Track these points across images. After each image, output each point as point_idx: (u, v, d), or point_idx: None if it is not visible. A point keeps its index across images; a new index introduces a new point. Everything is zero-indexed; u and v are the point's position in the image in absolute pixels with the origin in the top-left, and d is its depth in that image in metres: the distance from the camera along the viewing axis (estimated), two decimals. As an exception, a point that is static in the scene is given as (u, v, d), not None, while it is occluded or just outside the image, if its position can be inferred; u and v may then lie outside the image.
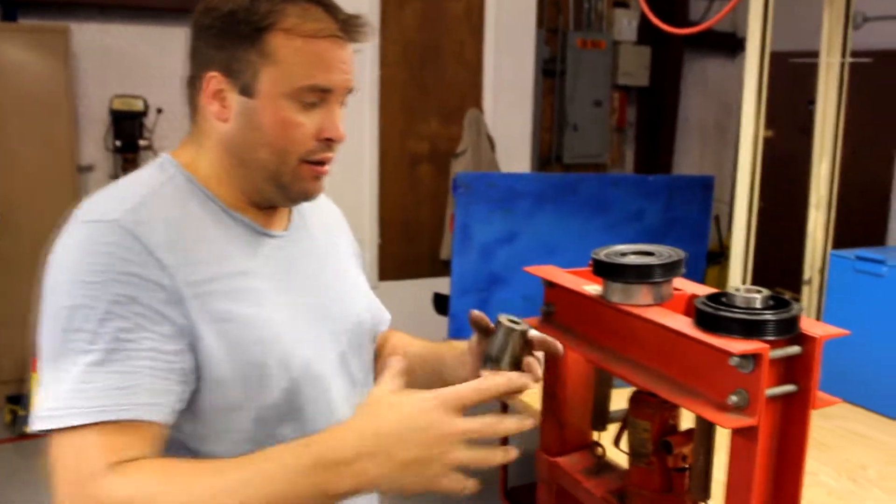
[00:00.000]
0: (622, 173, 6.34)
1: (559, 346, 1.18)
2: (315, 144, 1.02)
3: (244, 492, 0.84)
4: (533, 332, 1.17)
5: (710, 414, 1.03)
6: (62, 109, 4.16)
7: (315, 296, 1.12)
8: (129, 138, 4.38)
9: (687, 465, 1.26)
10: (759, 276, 2.39)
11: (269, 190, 1.05)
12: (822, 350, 1.04)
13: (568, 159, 5.88)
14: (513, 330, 1.15)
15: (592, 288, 1.28)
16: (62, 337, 0.90)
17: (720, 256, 5.55)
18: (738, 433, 1.04)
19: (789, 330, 1.03)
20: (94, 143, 4.55)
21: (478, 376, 0.99)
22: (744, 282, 2.15)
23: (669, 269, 1.17)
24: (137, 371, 0.90)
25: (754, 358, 0.99)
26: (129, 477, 0.86)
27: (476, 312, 1.20)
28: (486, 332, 1.22)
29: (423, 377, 1.32)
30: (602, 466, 1.43)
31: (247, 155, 1.03)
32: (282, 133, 1.00)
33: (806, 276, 2.35)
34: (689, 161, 6.30)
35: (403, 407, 0.88)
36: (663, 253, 1.20)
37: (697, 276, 3.10)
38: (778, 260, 3.27)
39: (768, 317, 1.01)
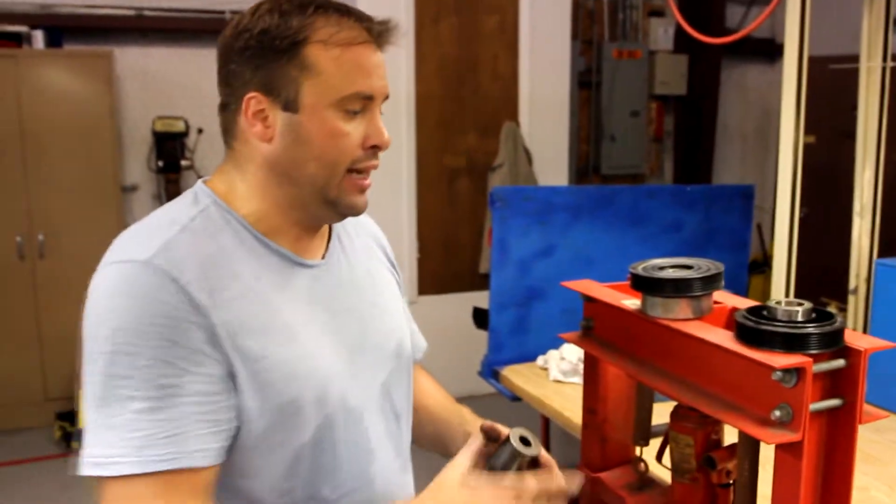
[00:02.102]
0: (661, 183, 6.29)
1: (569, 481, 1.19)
2: (361, 153, 1.02)
3: None
4: (544, 455, 1.15)
5: (753, 429, 1.01)
6: (106, 131, 4.26)
7: (353, 326, 1.10)
8: (171, 158, 4.47)
9: (731, 481, 1.24)
10: (804, 285, 2.35)
11: (317, 207, 1.04)
12: (869, 362, 1.02)
13: (606, 170, 5.84)
14: (519, 454, 1.11)
15: (631, 302, 1.27)
16: (106, 383, 0.90)
17: (764, 266, 5.46)
18: (782, 449, 1.02)
19: (833, 343, 1.01)
20: (138, 164, 4.65)
21: None
22: (787, 292, 2.11)
23: (709, 283, 1.16)
24: (185, 417, 0.90)
25: (797, 372, 0.98)
26: None
27: (486, 424, 1.16)
28: (495, 441, 1.16)
29: (429, 436, 1.32)
30: (645, 482, 1.42)
31: (295, 171, 1.01)
32: (331, 143, 0.99)
33: (852, 285, 2.31)
34: (729, 169, 6.23)
35: (481, 495, 0.95)
36: (702, 266, 1.19)
37: (740, 287, 3.06)
38: (822, 269, 3.21)
39: (811, 330, 1.00)
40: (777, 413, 0.99)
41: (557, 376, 2.32)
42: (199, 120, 4.50)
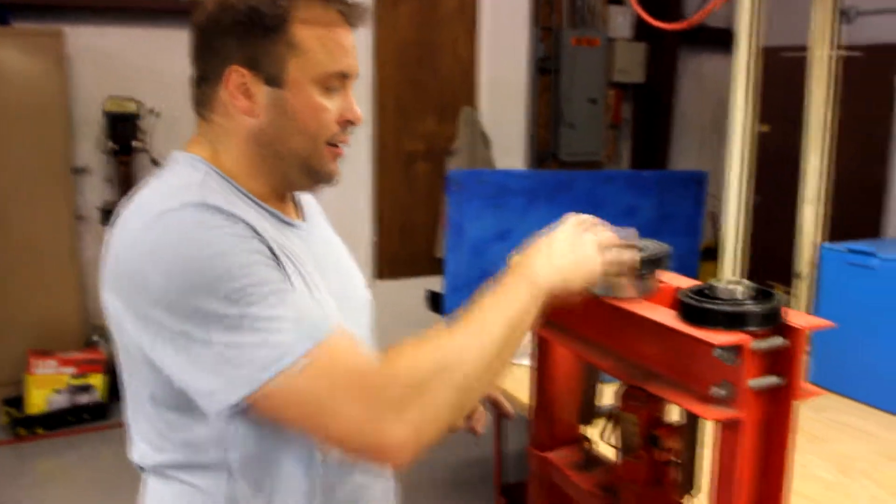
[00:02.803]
0: (617, 169, 6.34)
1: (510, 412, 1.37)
2: (337, 128, 1.07)
3: (489, 320, 0.98)
4: (493, 393, 1.33)
5: (695, 406, 1.03)
6: (56, 112, 4.16)
7: (337, 281, 1.16)
8: (123, 140, 4.37)
9: (675, 458, 1.26)
10: (757, 271, 2.39)
11: (299, 176, 1.09)
12: (808, 341, 1.04)
13: (564, 156, 5.87)
14: None
15: (581, 283, 1.28)
16: (230, 301, 0.89)
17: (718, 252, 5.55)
18: (723, 425, 1.04)
19: (773, 321, 1.03)
20: (90, 146, 4.55)
21: None
22: (735, 275, 2.14)
23: (654, 263, 1.17)
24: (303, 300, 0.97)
25: (737, 349, 1.00)
26: (395, 356, 0.93)
27: None
28: None
29: None
30: (591, 461, 1.44)
31: (280, 144, 1.06)
32: (313, 118, 1.04)
33: (797, 269, 2.35)
34: (686, 157, 6.30)
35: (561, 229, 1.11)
36: (648, 247, 1.20)
37: (691, 272, 3.10)
38: (775, 255, 3.26)
39: (751, 308, 1.02)
40: (718, 390, 1.01)
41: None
42: (154, 102, 4.42)
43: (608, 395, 1.33)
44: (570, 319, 1.30)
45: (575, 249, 1.08)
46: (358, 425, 0.89)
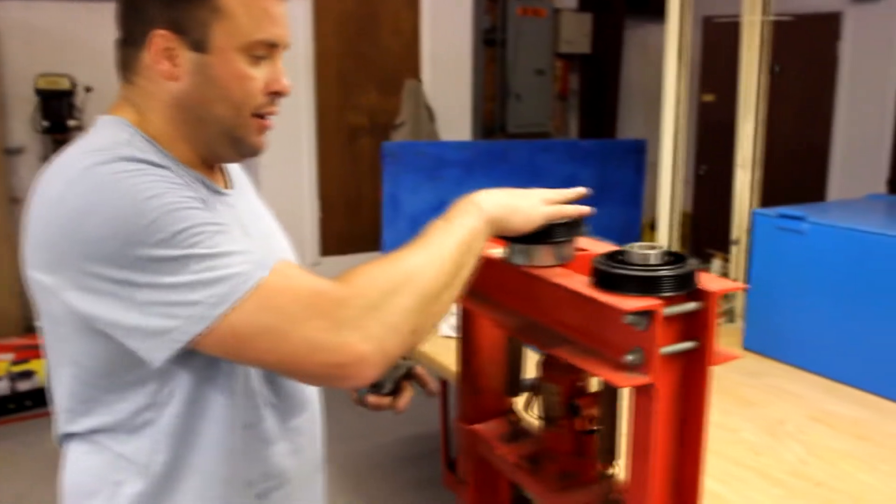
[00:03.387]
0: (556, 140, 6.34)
1: (431, 388, 1.34)
2: (264, 98, 1.03)
3: (441, 241, 0.99)
4: (418, 369, 1.32)
5: (607, 373, 1.01)
6: (-16, 90, 4.01)
7: (268, 249, 1.13)
8: (57, 118, 4.24)
9: (595, 427, 1.25)
10: (701, 239, 2.39)
11: (223, 145, 1.05)
12: (728, 304, 1.03)
13: (512, 129, 5.85)
14: (398, 366, 1.28)
15: (497, 251, 1.25)
16: (166, 246, 0.88)
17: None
18: (638, 392, 1.02)
19: (686, 285, 1.01)
20: (23, 125, 4.40)
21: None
22: (670, 246, 2.14)
23: (570, 229, 1.15)
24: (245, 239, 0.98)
25: (648, 315, 0.98)
26: (351, 275, 0.93)
27: None
28: None
29: None
30: (518, 432, 1.42)
31: (203, 111, 1.02)
32: (237, 86, 1.01)
33: (733, 236, 2.36)
34: (633, 128, 6.32)
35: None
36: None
37: (633, 240, 3.09)
38: (720, 223, 3.28)
39: (664, 272, 1.00)
40: (630, 357, 0.99)
41: (447, 331, 2.30)
42: (89, 78, 4.28)
43: (533, 365, 1.31)
44: (492, 289, 1.27)
45: (519, 195, 1.11)
46: (319, 342, 0.88)
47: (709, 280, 1.04)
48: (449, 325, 2.31)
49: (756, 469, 1.51)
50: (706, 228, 5.09)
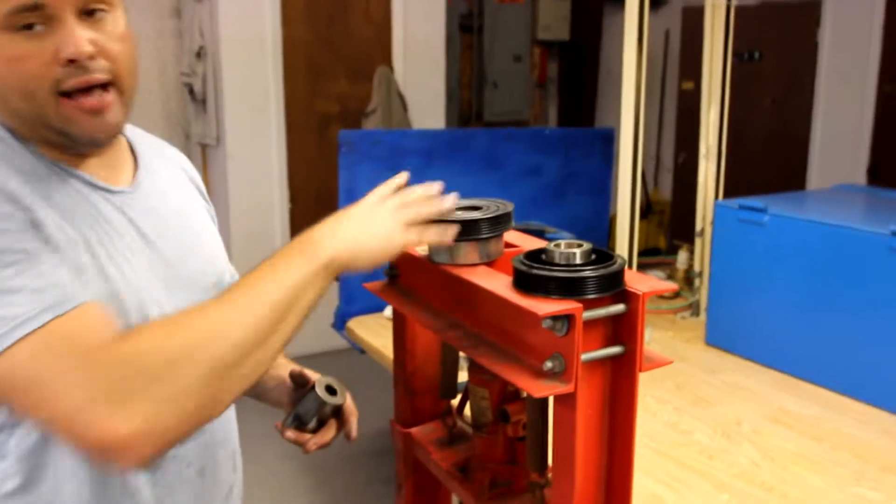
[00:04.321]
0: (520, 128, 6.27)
1: (351, 433, 1.32)
2: (61, 71, 0.87)
3: (260, 292, 0.85)
4: (348, 404, 1.30)
5: (524, 382, 0.94)
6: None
7: (170, 255, 1.02)
8: None
9: (527, 434, 1.18)
10: (680, 228, 2.33)
11: (58, 139, 0.92)
12: (646, 305, 0.96)
13: (489, 117, 5.77)
14: (325, 404, 1.25)
15: (422, 248, 1.18)
16: None
17: (647, 211, 5.53)
18: (558, 401, 0.96)
19: (611, 287, 0.94)
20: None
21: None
22: (631, 237, 2.07)
23: (496, 224, 1.07)
24: (55, 269, 0.82)
25: (567, 319, 0.91)
26: (138, 334, 0.81)
27: (295, 370, 1.29)
28: (302, 386, 1.27)
29: None
30: (454, 437, 1.35)
31: (5, 107, 0.90)
32: (11, 72, 0.86)
33: (698, 227, 2.30)
34: (613, 115, 6.22)
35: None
36: (490, 206, 1.11)
37: (601, 233, 3.03)
38: (688, 210, 3.22)
39: (587, 273, 0.92)
40: (549, 364, 0.92)
41: (403, 327, 2.24)
42: None
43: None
44: (420, 287, 1.20)
45: (368, 221, 0.97)
46: (73, 412, 0.75)
47: (637, 280, 0.97)
48: (403, 321, 2.25)
49: (705, 473, 1.45)
50: (685, 217, 5.04)
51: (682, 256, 2.51)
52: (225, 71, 4.09)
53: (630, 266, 2.29)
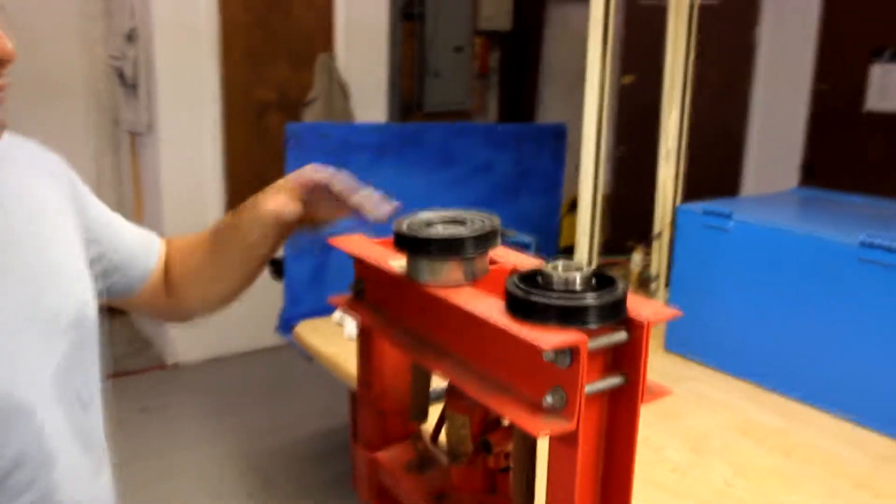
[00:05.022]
0: (486, 122, 6.20)
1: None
2: None
3: None
4: None
5: (522, 418, 0.86)
6: None
7: (12, 292, 0.83)
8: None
9: (511, 464, 1.10)
10: (618, 226, 2.28)
11: None
12: (651, 333, 0.89)
13: (429, 107, 5.67)
14: None
15: (399, 264, 1.09)
16: None
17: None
18: (557, 439, 0.88)
19: (615, 315, 0.86)
20: None
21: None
22: (591, 233, 2.02)
23: (482, 241, 0.98)
24: None
25: (571, 351, 0.83)
26: None
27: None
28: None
29: (236, 252, 1.15)
30: (425, 461, 1.26)
31: None
32: None
33: (656, 230, 2.26)
34: (553, 108, 6.22)
35: None
36: (475, 221, 1.02)
37: (552, 232, 2.98)
38: (637, 210, 3.20)
39: (589, 301, 0.84)
40: (549, 399, 0.84)
41: (353, 333, 2.14)
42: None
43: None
44: (392, 305, 1.11)
45: None
46: None
47: (639, 305, 0.90)
48: (356, 327, 2.15)
49: (680, 493, 1.40)
50: (625, 210, 5.05)
51: (636, 258, 2.48)
52: (158, 55, 3.90)
53: (590, 264, 2.23)
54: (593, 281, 0.90)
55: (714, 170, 5.15)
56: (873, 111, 4.33)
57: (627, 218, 3.10)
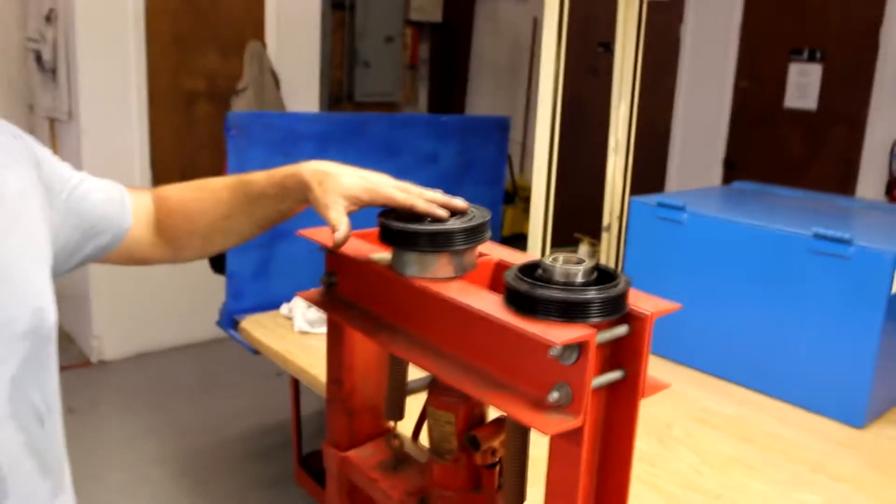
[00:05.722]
0: (415, 112, 6.17)
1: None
2: None
3: None
4: None
5: (527, 416, 0.83)
6: None
7: None
8: None
9: (497, 460, 1.08)
10: (555, 219, 2.28)
11: None
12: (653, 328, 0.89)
13: (359, 97, 5.61)
14: None
15: (381, 256, 1.05)
16: None
17: (514, 197, 5.55)
18: (560, 435, 0.87)
19: (618, 309, 0.85)
20: None
21: None
22: (545, 225, 2.01)
23: (474, 234, 0.96)
24: None
25: (577, 347, 0.81)
26: None
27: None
28: None
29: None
30: (400, 460, 1.23)
31: None
32: None
33: (605, 222, 2.27)
34: (482, 101, 6.23)
35: None
36: (465, 213, 0.99)
37: (496, 222, 2.98)
38: (571, 202, 3.22)
39: (593, 295, 0.83)
40: (555, 395, 0.82)
41: (303, 327, 2.08)
42: None
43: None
44: (370, 299, 1.07)
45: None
46: None
47: (639, 299, 0.89)
48: (306, 320, 2.09)
49: (652, 484, 1.41)
50: (557, 206, 5.09)
51: (582, 250, 2.49)
52: (79, 38, 3.71)
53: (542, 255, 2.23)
54: (594, 275, 0.88)
55: (641, 164, 5.24)
56: (792, 108, 4.47)
57: (560, 212, 3.10)
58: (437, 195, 0.99)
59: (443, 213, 0.96)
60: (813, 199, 2.21)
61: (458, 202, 0.99)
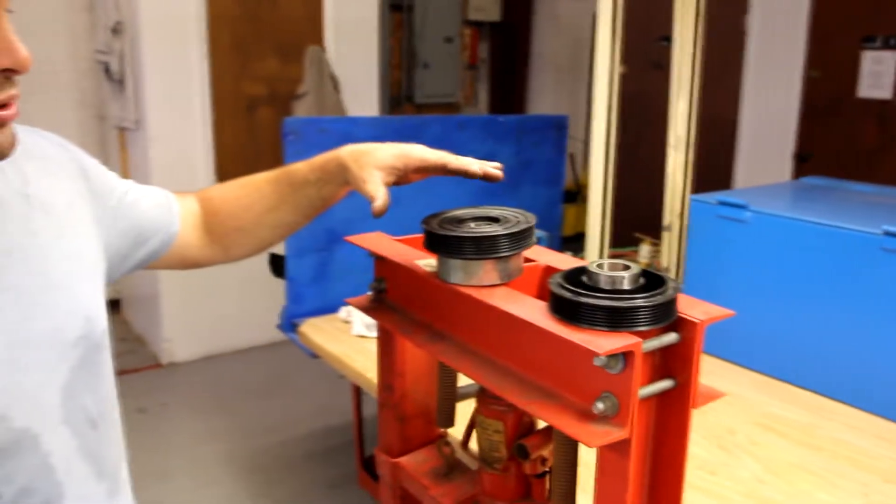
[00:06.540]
0: (476, 113, 6.15)
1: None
2: None
3: None
4: None
5: (571, 426, 0.81)
6: None
7: (9, 312, 0.77)
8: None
9: (547, 469, 1.06)
10: (616, 217, 2.24)
11: None
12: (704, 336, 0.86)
13: (419, 99, 5.62)
14: None
15: (427, 263, 1.04)
16: None
17: (577, 195, 5.49)
18: (608, 447, 0.84)
19: (667, 316, 0.82)
20: None
21: None
22: (603, 225, 1.98)
23: (519, 240, 0.94)
24: None
25: (624, 356, 0.79)
26: None
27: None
28: None
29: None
30: (452, 466, 1.22)
31: None
32: None
33: (666, 221, 2.22)
34: (543, 99, 6.18)
35: None
36: (510, 218, 0.97)
37: (554, 223, 2.94)
38: (633, 200, 3.16)
39: (640, 303, 0.80)
40: (600, 405, 0.80)
41: (361, 331, 2.09)
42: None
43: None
44: (418, 305, 1.06)
45: None
46: None
47: (689, 305, 0.86)
48: (364, 324, 2.10)
49: (712, 492, 1.36)
50: (618, 204, 5.02)
51: (644, 250, 2.44)
52: (145, 49, 3.82)
53: (601, 256, 2.20)
54: (641, 280, 0.85)
55: (707, 160, 5.12)
56: (866, 98, 4.31)
57: (619, 208, 3.06)
58: (471, 160, 0.99)
59: (476, 168, 0.95)
60: (885, 195, 2.12)
61: (492, 168, 1.00)
